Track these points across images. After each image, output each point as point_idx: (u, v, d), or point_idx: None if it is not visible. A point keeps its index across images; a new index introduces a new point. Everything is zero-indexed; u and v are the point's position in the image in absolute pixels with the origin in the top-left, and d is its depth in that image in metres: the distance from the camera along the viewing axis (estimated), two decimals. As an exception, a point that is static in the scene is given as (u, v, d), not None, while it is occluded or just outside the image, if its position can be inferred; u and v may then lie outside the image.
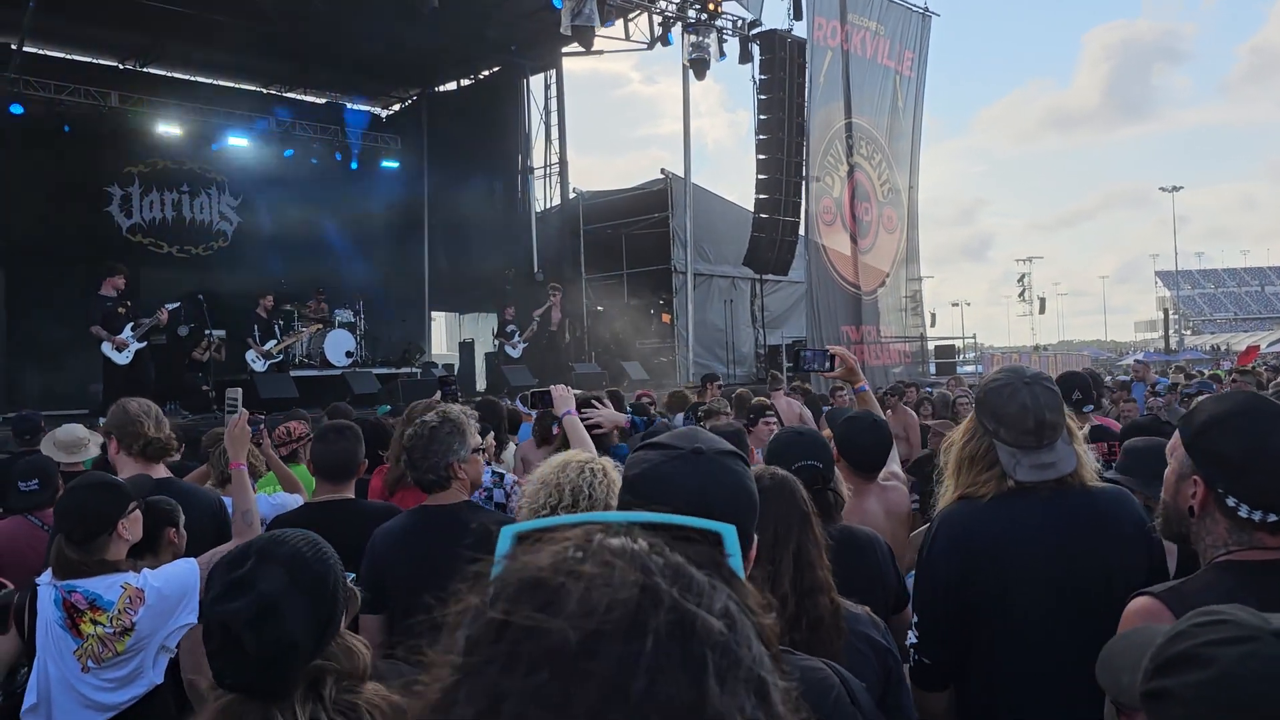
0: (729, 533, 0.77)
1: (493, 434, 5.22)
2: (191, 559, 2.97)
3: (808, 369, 3.98)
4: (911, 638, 2.45)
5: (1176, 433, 1.92)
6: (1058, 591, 2.29)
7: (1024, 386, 2.37)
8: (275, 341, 13.81)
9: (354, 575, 1.87)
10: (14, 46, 14.19)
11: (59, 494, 4.31)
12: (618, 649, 0.56)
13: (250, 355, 13.55)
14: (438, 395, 6.51)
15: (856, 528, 2.82)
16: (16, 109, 15.18)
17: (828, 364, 3.79)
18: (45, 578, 2.80)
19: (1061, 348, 72.84)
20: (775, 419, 7.46)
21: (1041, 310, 70.30)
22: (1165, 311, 49.56)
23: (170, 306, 11.79)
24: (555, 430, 4.63)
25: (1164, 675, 1.07)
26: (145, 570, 2.85)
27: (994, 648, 2.36)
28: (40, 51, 16.22)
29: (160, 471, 3.76)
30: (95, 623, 2.68)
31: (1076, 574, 2.28)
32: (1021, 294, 73.39)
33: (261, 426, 5.56)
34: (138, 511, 2.91)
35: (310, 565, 1.66)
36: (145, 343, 11.19)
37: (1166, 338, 44.29)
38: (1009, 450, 2.35)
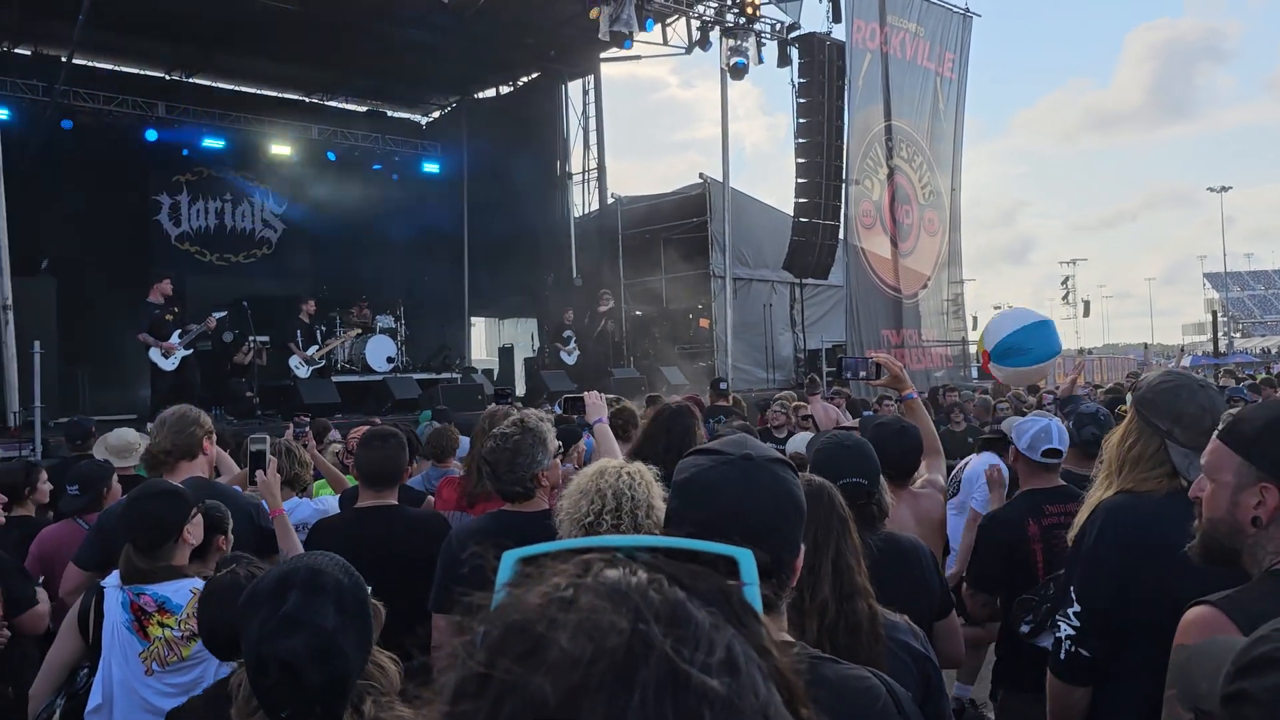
0: (744, 558, 0.71)
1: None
2: None
3: (849, 377, 3.96)
4: (1066, 629, 2.39)
5: (1216, 448, 1.87)
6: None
7: (1200, 389, 2.39)
8: (317, 346, 13.99)
9: (370, 589, 1.89)
10: (63, 60, 14.51)
11: (104, 498, 4.42)
12: (602, 705, 0.52)
13: (294, 361, 13.73)
14: (495, 404, 6.52)
15: (900, 535, 2.80)
16: (66, 124, 15.55)
17: (871, 372, 3.75)
18: (112, 580, 2.85)
19: (1107, 351, 71.74)
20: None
21: (1086, 313, 69.15)
22: (1214, 314, 48.57)
23: (218, 315, 12.00)
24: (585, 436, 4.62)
25: (1243, 678, 1.09)
26: None
27: (1157, 646, 2.32)
28: (88, 64, 16.56)
29: (195, 473, 3.75)
30: (163, 625, 2.73)
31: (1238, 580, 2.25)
32: (1065, 296, 72.29)
33: (306, 430, 5.64)
34: (199, 516, 2.97)
35: (352, 593, 1.68)
36: (192, 349, 11.39)
37: (1215, 340, 43.50)
38: (1183, 451, 2.34)
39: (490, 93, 21.33)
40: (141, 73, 18.24)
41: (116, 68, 17.74)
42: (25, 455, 8.26)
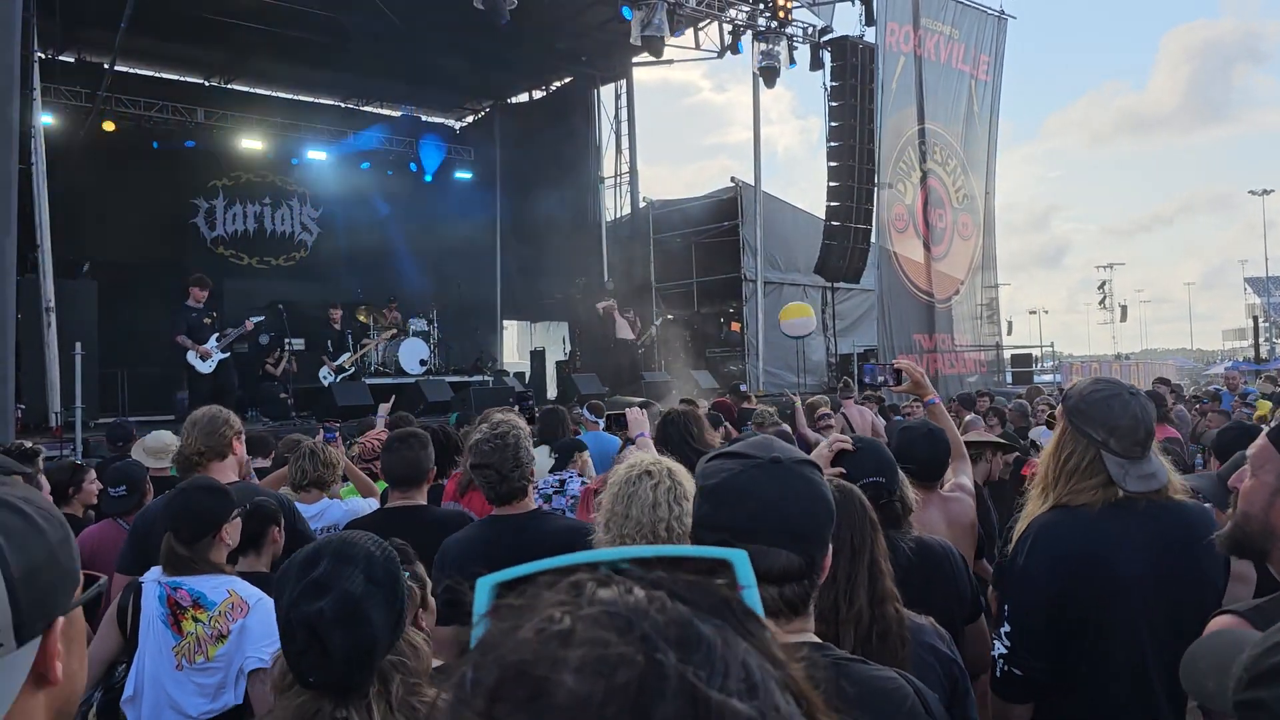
0: (740, 560, 0.66)
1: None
2: None
3: (870, 383, 3.93)
4: (1000, 648, 2.40)
5: (1263, 446, 1.84)
6: (1159, 603, 2.28)
7: (1131, 398, 2.37)
8: (349, 353, 14.12)
9: (408, 574, 1.91)
10: (106, 66, 14.78)
11: (145, 498, 4.49)
12: None
13: (323, 372, 13.89)
14: (515, 409, 6.58)
15: (930, 539, 2.76)
16: (108, 129, 15.82)
17: (893, 378, 3.72)
18: (150, 575, 2.90)
19: (1145, 356, 70.69)
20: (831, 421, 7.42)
21: (1123, 318, 68.17)
22: (1255, 319, 47.65)
23: (256, 319, 12.13)
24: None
25: (1259, 686, 1.06)
26: (261, 593, 2.89)
27: (1092, 660, 2.33)
28: (130, 70, 16.86)
29: (228, 475, 3.81)
30: (196, 620, 2.77)
31: (1175, 586, 2.25)
32: (1102, 301, 71.28)
33: (337, 434, 5.68)
34: (239, 519, 3.02)
35: (383, 564, 1.70)
36: (229, 353, 11.50)
37: (1256, 346, 42.66)
38: (1118, 461, 2.33)
39: (523, 97, 21.46)
40: (181, 79, 18.54)
41: (157, 74, 18.05)
42: (66, 455, 8.40)
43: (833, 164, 16.67)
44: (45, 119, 14.32)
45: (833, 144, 16.69)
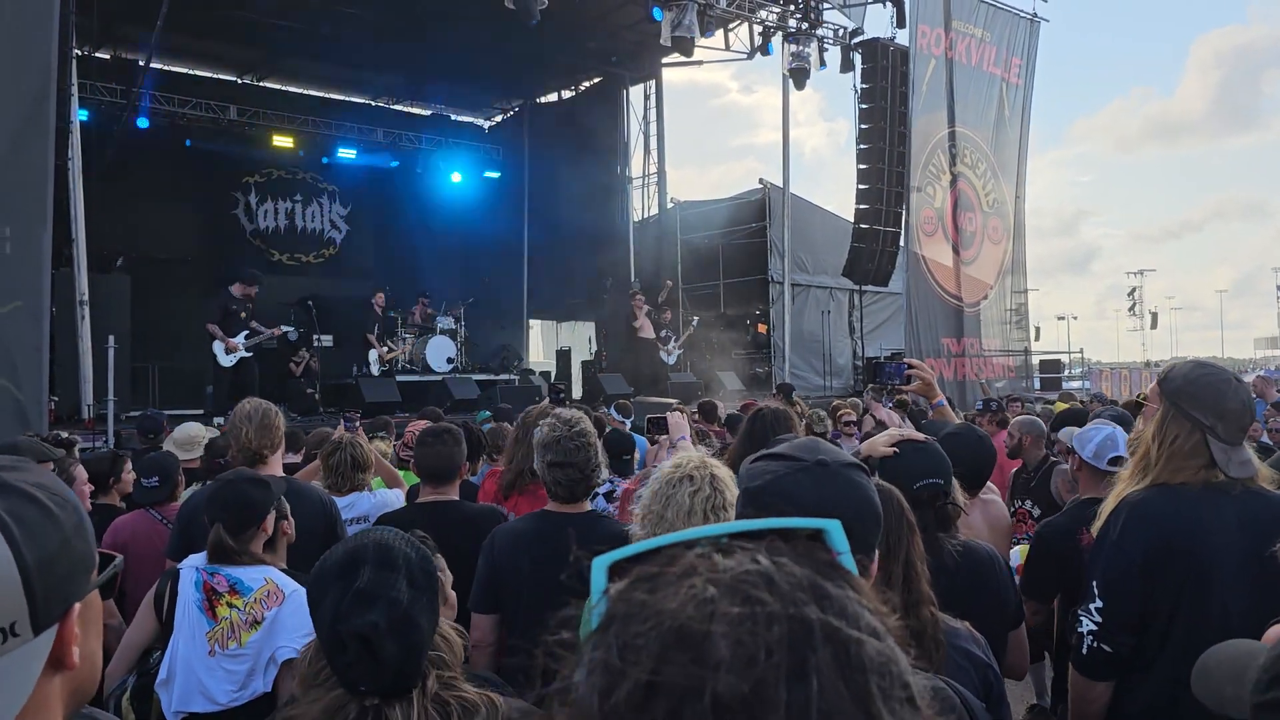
0: (834, 528, 0.71)
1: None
2: None
3: (883, 383, 3.95)
4: (1088, 624, 2.37)
5: None
6: (1250, 587, 2.26)
7: (1238, 384, 2.38)
8: (396, 338, 14.25)
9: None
10: (141, 64, 14.94)
11: (178, 490, 4.54)
12: (783, 697, 0.52)
13: (372, 355, 13.91)
14: (547, 401, 6.58)
15: (978, 544, 2.74)
16: (143, 123, 16.00)
17: (902, 379, 3.70)
18: (191, 561, 2.93)
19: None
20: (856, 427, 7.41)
21: (1153, 325, 67.33)
22: (1288, 327, 47.04)
23: (286, 328, 12.22)
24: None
25: (1278, 687, 1.06)
26: (297, 584, 2.90)
27: (1179, 638, 2.31)
28: (165, 68, 17.04)
29: (274, 470, 3.87)
30: (231, 606, 2.79)
31: (1266, 572, 2.19)
32: (1132, 308, 70.47)
33: (357, 426, 5.72)
34: (274, 511, 3.04)
35: (420, 566, 1.71)
36: (252, 351, 11.56)
37: (1289, 355, 42.15)
38: (1222, 447, 2.33)
39: (552, 97, 21.50)
40: (214, 76, 18.72)
41: (191, 71, 18.25)
42: (99, 447, 8.50)
43: (862, 167, 16.61)
44: (81, 115, 14.53)
45: (862, 146, 16.63)
